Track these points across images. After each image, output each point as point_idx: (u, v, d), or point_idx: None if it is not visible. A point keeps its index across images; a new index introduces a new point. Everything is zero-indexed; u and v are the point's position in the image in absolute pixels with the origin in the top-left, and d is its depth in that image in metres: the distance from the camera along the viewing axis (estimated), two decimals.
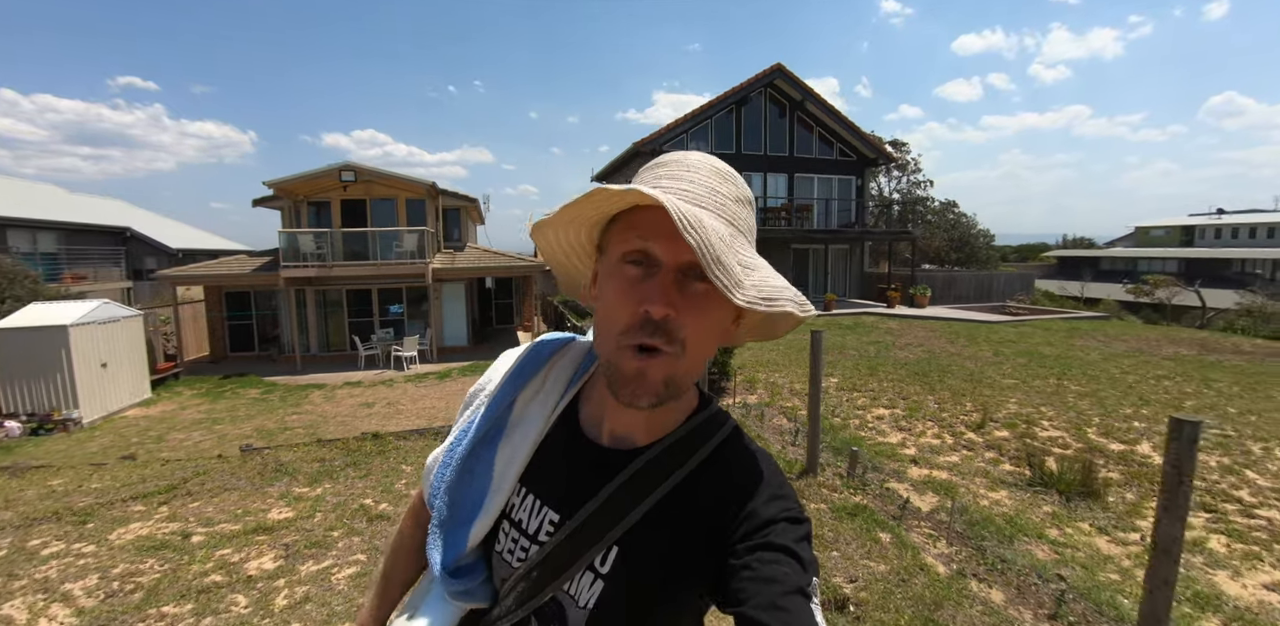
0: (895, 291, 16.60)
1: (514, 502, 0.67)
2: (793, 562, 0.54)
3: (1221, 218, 47.05)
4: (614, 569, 0.60)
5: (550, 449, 0.68)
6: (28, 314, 9.67)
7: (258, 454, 5.04)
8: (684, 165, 0.58)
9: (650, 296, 0.53)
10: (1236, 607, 2.66)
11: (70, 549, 3.23)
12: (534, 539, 0.64)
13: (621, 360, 0.55)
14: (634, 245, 0.54)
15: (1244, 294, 18.67)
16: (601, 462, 0.64)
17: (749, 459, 0.64)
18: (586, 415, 0.69)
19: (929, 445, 4.72)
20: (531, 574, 0.62)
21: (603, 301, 0.58)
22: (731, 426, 0.67)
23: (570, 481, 0.65)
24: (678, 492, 0.61)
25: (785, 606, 0.50)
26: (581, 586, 0.61)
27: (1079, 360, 8.35)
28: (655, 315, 0.53)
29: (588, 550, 0.61)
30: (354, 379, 12.62)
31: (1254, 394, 6.36)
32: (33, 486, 4.46)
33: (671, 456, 0.63)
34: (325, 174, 13.03)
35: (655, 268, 0.54)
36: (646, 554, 0.60)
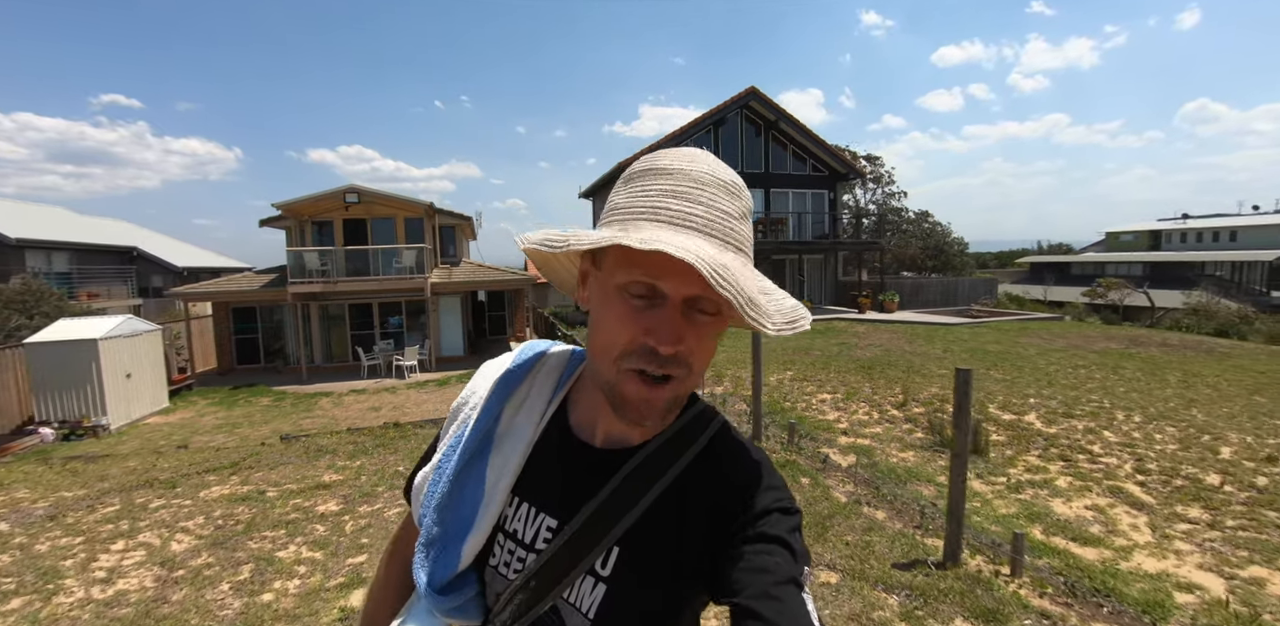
0: (866, 298, 17.68)
1: (507, 514, 0.67)
2: (785, 553, 0.55)
3: (1186, 222, 48.79)
4: (615, 570, 0.60)
5: (543, 455, 0.67)
6: (58, 329, 10.47)
7: (297, 441, 5.94)
8: (690, 179, 0.56)
9: (658, 333, 0.53)
10: (1055, 520, 3.63)
11: (171, 503, 4.13)
12: (531, 547, 0.64)
13: (624, 384, 0.55)
14: (637, 278, 0.53)
15: (1190, 294, 19.96)
16: (597, 463, 0.64)
17: (740, 451, 0.65)
18: (577, 418, 0.68)
19: (859, 420, 5.71)
20: (530, 583, 0.61)
21: (599, 321, 0.58)
22: (721, 421, 0.68)
23: (566, 485, 0.64)
24: (675, 487, 0.62)
25: (778, 596, 0.50)
26: (582, 592, 0.61)
27: (1015, 354, 9.41)
28: (664, 353, 0.53)
29: (588, 553, 0.60)
30: (359, 387, 13.43)
31: (1150, 377, 7.42)
32: (113, 467, 5.33)
33: (667, 452, 0.63)
34: (330, 196, 13.99)
35: (660, 300, 0.54)
36: (648, 551, 0.60)
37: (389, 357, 14.48)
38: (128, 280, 17.94)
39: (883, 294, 17.82)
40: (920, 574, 2.88)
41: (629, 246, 0.48)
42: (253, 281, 14.80)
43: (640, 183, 0.57)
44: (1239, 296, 30.07)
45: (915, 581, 2.80)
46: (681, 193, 0.55)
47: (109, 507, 4.09)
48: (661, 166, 0.57)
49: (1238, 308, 18.74)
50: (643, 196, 0.56)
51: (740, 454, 0.64)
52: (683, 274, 0.50)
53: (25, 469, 6.00)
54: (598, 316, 0.58)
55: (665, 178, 0.56)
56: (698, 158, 0.58)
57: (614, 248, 0.53)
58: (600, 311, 0.57)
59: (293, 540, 3.41)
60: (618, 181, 0.61)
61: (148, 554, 3.30)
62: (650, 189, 0.56)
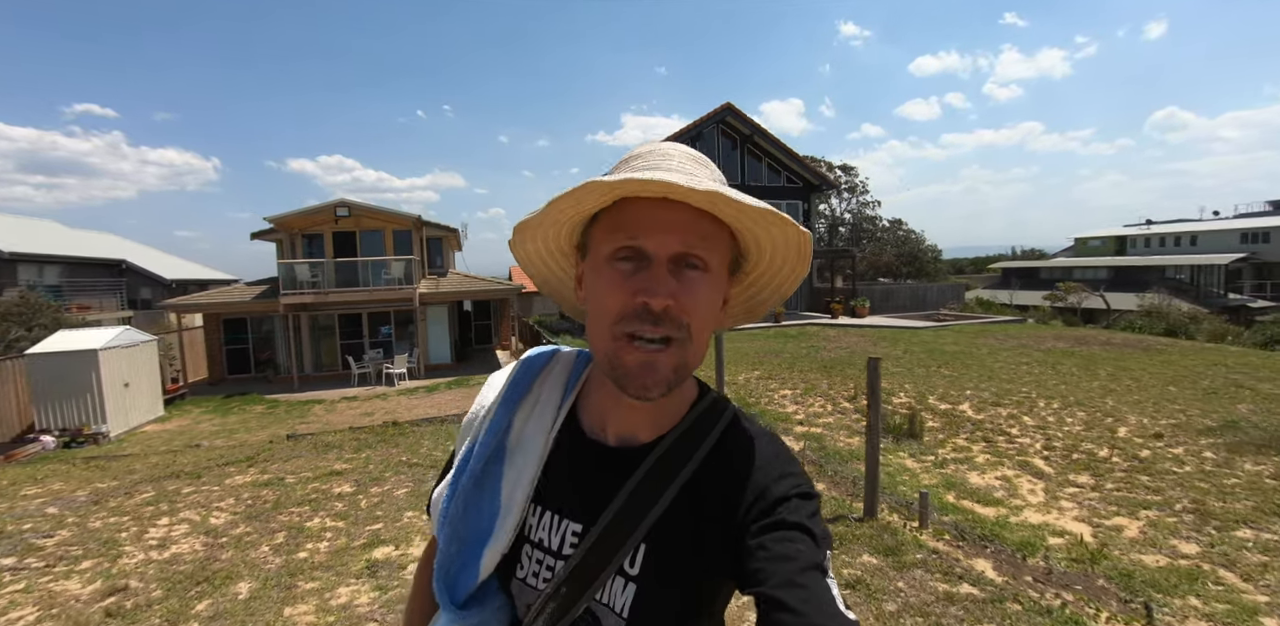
0: (838, 304, 18.48)
1: (531, 523, 0.66)
2: (806, 539, 0.55)
3: (1150, 227, 50.59)
4: (644, 567, 0.60)
5: (559, 461, 0.67)
6: (58, 340, 10.82)
7: (304, 439, 6.45)
8: (660, 154, 0.60)
9: (648, 288, 0.53)
10: (968, 488, 4.29)
11: (200, 489, 4.65)
12: (558, 555, 0.63)
13: (622, 353, 0.56)
14: (621, 242, 0.55)
15: (1143, 296, 21.05)
16: (614, 463, 0.64)
17: (755, 439, 0.65)
18: (588, 420, 0.68)
19: (814, 412, 6.37)
20: (560, 590, 0.61)
21: (593, 297, 0.58)
22: (734, 410, 0.68)
23: (587, 488, 0.64)
24: (695, 480, 0.62)
25: (803, 583, 0.51)
26: (614, 592, 0.60)
27: (968, 354, 10.17)
28: (656, 307, 0.54)
29: (616, 553, 0.60)
30: (350, 394, 13.85)
31: (1083, 372, 8.18)
32: (136, 463, 5.81)
33: (683, 446, 0.63)
34: (321, 210, 14.48)
35: (646, 261, 0.55)
36: (674, 546, 0.60)
37: (379, 366, 14.92)
38: (118, 292, 18.18)
39: (854, 299, 18.63)
40: (842, 525, 3.52)
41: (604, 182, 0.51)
42: (245, 293, 15.18)
43: (621, 168, 0.61)
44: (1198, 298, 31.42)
45: (836, 530, 3.43)
46: (653, 164, 0.58)
47: (144, 494, 4.59)
48: (638, 152, 0.62)
49: (1188, 309, 19.83)
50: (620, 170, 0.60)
51: (755, 442, 0.64)
52: (665, 230, 0.54)
53: (50, 467, 6.45)
54: (590, 295, 0.59)
55: (638, 159, 0.60)
56: (667, 143, 0.63)
57: (597, 225, 0.58)
58: (591, 289, 0.59)
59: (316, 514, 3.96)
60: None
61: (191, 527, 3.84)
62: (627, 168, 0.60)
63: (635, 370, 0.55)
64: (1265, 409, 5.99)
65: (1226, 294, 34.72)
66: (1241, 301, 32.84)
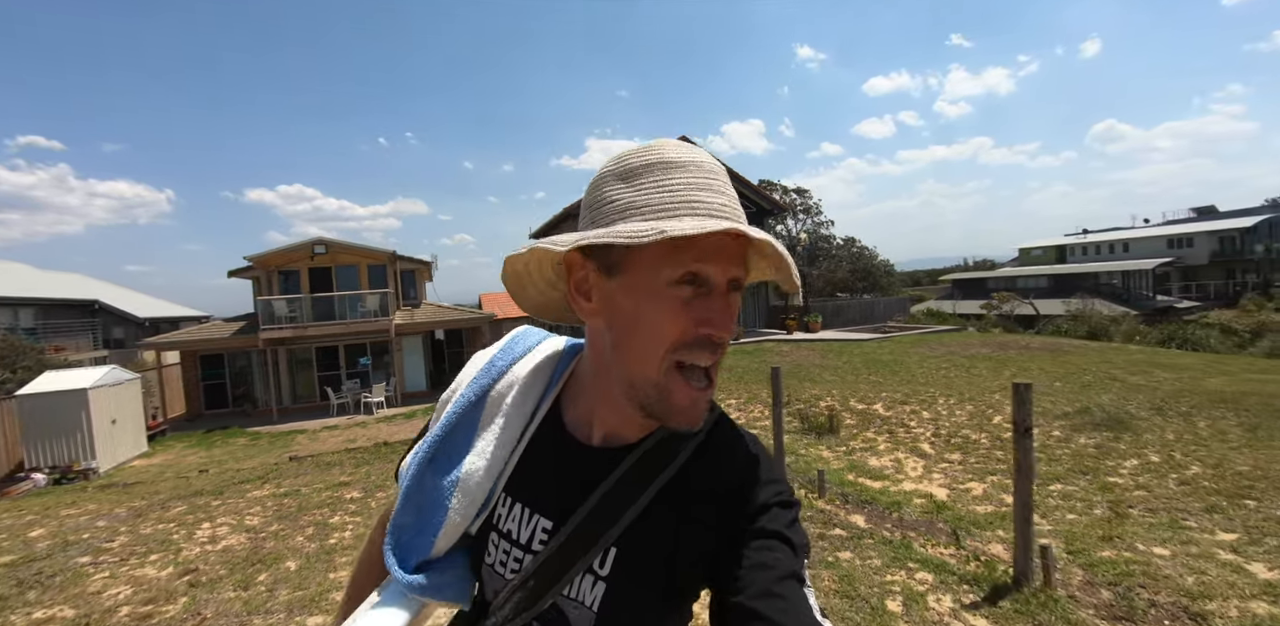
0: (793, 320, 19.77)
1: (501, 513, 0.66)
2: (785, 548, 0.55)
3: (1086, 236, 53.80)
4: (614, 569, 0.60)
5: (536, 454, 0.67)
6: (46, 381, 11.29)
7: (305, 460, 7.21)
8: (705, 170, 0.57)
9: (714, 320, 0.54)
10: (866, 469, 5.34)
11: (227, 502, 5.42)
12: (527, 548, 0.63)
13: (674, 388, 0.55)
14: (687, 267, 0.53)
15: (1069, 302, 22.93)
16: (594, 463, 0.63)
17: (739, 444, 0.64)
18: (572, 417, 0.68)
19: (753, 417, 7.41)
20: (528, 583, 0.61)
21: (639, 320, 0.56)
22: (718, 412, 0.67)
23: (562, 486, 0.64)
24: (673, 483, 0.61)
25: (780, 592, 0.51)
26: (583, 589, 0.61)
27: (898, 362, 11.39)
28: (719, 339, 0.54)
29: (585, 554, 0.60)
30: (330, 424, 14.42)
31: (991, 373, 9.43)
32: (158, 485, 6.49)
33: (666, 447, 0.63)
34: (299, 247, 15.21)
35: (706, 287, 0.54)
36: (647, 549, 0.60)
37: (357, 396, 15.52)
38: (93, 332, 18.41)
39: (808, 316, 19.95)
40: None
41: (675, 236, 0.48)
42: (223, 329, 15.70)
43: (654, 177, 0.56)
44: (1128, 302, 33.77)
45: None
46: (705, 185, 0.55)
47: (178, 508, 5.33)
48: (672, 159, 0.57)
49: (1110, 312, 21.70)
50: (667, 192, 0.55)
51: (737, 447, 0.64)
52: (729, 259, 0.54)
53: (69, 497, 7.06)
54: (634, 320, 0.56)
55: (682, 171, 0.56)
56: (696, 149, 0.58)
57: (651, 245, 0.52)
58: (638, 314, 0.56)
59: (335, 513, 4.80)
60: (605, 177, 0.59)
61: (231, 528, 4.63)
62: (672, 183, 0.55)
63: (685, 407, 0.56)
64: (1121, 396, 7.24)
65: (1155, 296, 37.19)
66: (1169, 303, 35.33)
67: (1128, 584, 2.96)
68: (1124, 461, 4.89)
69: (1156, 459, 4.90)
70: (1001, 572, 3.10)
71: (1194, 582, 2.95)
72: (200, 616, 3.12)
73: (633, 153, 0.59)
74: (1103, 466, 4.81)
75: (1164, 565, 3.16)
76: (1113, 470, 4.71)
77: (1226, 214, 51.29)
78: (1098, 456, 5.06)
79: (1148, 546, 3.40)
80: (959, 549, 3.50)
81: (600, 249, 0.57)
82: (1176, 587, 2.91)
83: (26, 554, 4.34)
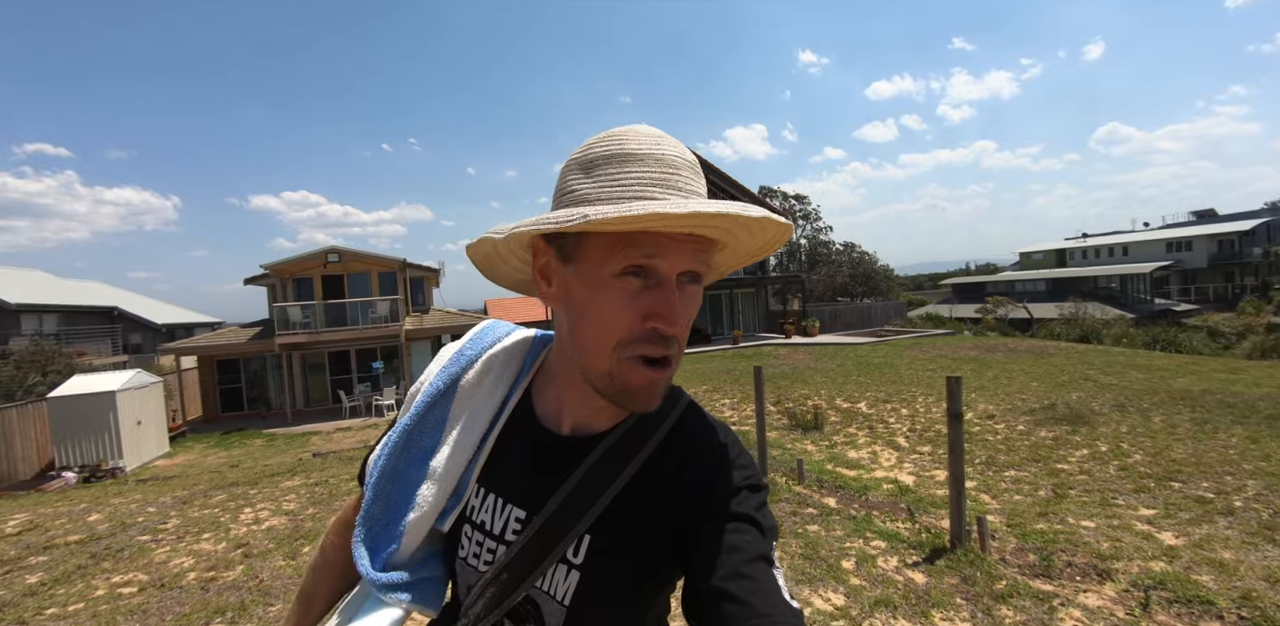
0: (791, 325, 20.28)
1: (474, 504, 0.67)
2: (753, 530, 0.56)
3: (1086, 241, 54.11)
4: (588, 557, 0.60)
5: (508, 445, 0.67)
6: (76, 384, 11.87)
7: (328, 456, 7.75)
8: (665, 165, 0.55)
9: (663, 314, 0.53)
10: (844, 460, 5.84)
11: (263, 491, 5.96)
12: (500, 539, 0.64)
13: (628, 374, 0.55)
14: (634, 260, 0.53)
15: (1062, 306, 23.37)
16: (565, 451, 0.64)
17: (708, 430, 0.65)
18: (543, 407, 0.68)
19: (746, 415, 7.92)
20: (501, 576, 0.62)
21: (590, 312, 0.56)
22: (687, 400, 0.68)
23: (534, 475, 0.65)
24: (645, 470, 0.62)
25: (749, 574, 0.51)
26: (556, 580, 0.61)
27: (889, 364, 11.89)
28: (668, 333, 0.54)
29: (559, 542, 0.60)
30: (344, 426, 14.96)
31: (974, 374, 9.92)
32: (194, 478, 7.03)
33: (636, 434, 0.64)
34: (313, 256, 15.82)
35: (655, 279, 0.54)
36: (619, 536, 0.61)
37: (368, 399, 16.09)
38: (113, 338, 19.07)
39: (806, 320, 20.45)
40: None
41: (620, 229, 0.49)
42: (240, 335, 16.30)
43: (610, 169, 0.55)
44: (1126, 305, 34.11)
45: None
46: (662, 180, 0.54)
47: (219, 496, 5.87)
48: (632, 152, 0.55)
49: (1102, 316, 22.14)
50: (621, 187, 0.53)
51: (706, 433, 0.65)
52: (680, 250, 0.52)
53: (113, 489, 7.61)
54: (584, 309, 0.56)
55: (640, 165, 0.54)
56: (662, 140, 0.57)
57: (600, 235, 0.53)
58: (588, 303, 0.56)
59: None
60: (571, 165, 0.58)
61: (271, 512, 5.17)
62: (626, 177, 0.54)
63: (642, 390, 0.56)
64: (1089, 395, 7.73)
65: (1153, 299, 37.43)
66: (1167, 306, 35.64)
67: (1051, 548, 3.47)
68: (1075, 451, 5.39)
69: (1105, 448, 5.39)
70: (944, 540, 3.61)
71: (1108, 547, 3.46)
72: (258, 578, 3.65)
73: (598, 141, 0.57)
74: (1054, 455, 5.31)
75: (1087, 534, 3.66)
76: (1063, 459, 5.21)
77: (1225, 217, 51.59)
78: (1052, 447, 5.57)
79: (1077, 520, 3.90)
80: (913, 523, 4.01)
81: (558, 236, 0.57)
82: (1092, 551, 3.41)
83: (91, 534, 4.88)
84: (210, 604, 3.33)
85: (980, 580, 3.09)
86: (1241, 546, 3.37)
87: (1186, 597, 2.84)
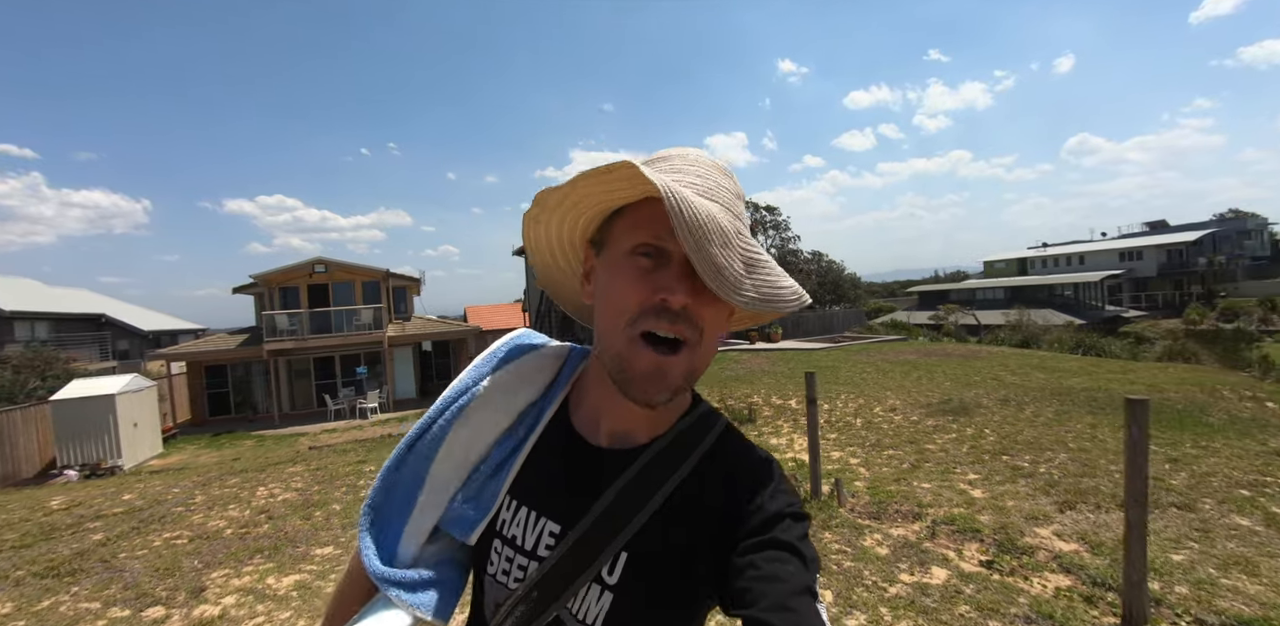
0: (755, 331, 21.53)
1: (504, 518, 0.65)
2: (797, 561, 0.54)
3: (1046, 250, 56.46)
4: (624, 577, 0.59)
5: (543, 457, 0.66)
6: (76, 387, 12.65)
7: (323, 448, 8.73)
8: (687, 159, 0.59)
9: (668, 286, 0.54)
10: (766, 445, 7.00)
11: (271, 477, 6.95)
12: (532, 555, 0.62)
13: (633, 356, 0.55)
14: (644, 239, 0.55)
15: (1007, 313, 25.00)
16: (602, 465, 0.63)
17: (748, 454, 0.65)
18: (579, 418, 0.68)
19: None
20: (532, 594, 0.60)
21: (607, 293, 0.58)
22: (725, 422, 0.68)
23: (570, 488, 0.63)
24: (684, 488, 0.61)
25: (793, 607, 0.50)
26: (588, 602, 0.59)
27: (834, 368, 13.14)
28: (674, 304, 0.54)
29: (595, 559, 0.59)
30: (329, 427, 15.82)
31: (902, 375, 11.18)
32: (204, 468, 7.97)
33: (675, 451, 0.63)
34: (300, 267, 16.72)
35: (665, 259, 0.55)
36: (657, 557, 0.59)
37: (352, 402, 16.96)
38: (101, 344, 19.68)
39: (770, 327, 21.73)
40: None
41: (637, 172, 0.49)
42: (229, 342, 17.09)
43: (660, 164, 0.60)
44: (1079, 312, 35.99)
45: None
46: (679, 169, 0.58)
47: (233, 480, 6.84)
48: (659, 156, 0.61)
49: (1043, 322, 23.78)
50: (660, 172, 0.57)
51: (747, 455, 0.64)
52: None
53: (130, 479, 8.51)
54: (605, 292, 0.59)
55: (664, 161, 0.60)
56: (692, 150, 0.62)
57: (622, 218, 0.58)
58: (607, 285, 0.58)
59: (359, 479, 6.36)
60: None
61: (282, 489, 6.17)
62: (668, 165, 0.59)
63: (646, 374, 0.55)
64: (987, 391, 9.01)
65: (1104, 306, 39.42)
66: (1117, 312, 37.63)
67: (889, 502, 4.65)
68: (946, 435, 6.62)
69: (970, 433, 6.63)
70: (805, 495, 4.77)
71: (930, 500, 4.65)
72: (283, 531, 4.69)
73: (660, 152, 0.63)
74: (928, 439, 6.53)
75: (921, 493, 4.85)
76: (932, 441, 6.44)
77: (1176, 228, 54.36)
78: (930, 432, 6.79)
79: (920, 483, 5.10)
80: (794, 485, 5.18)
81: (598, 232, 0.62)
82: (918, 502, 4.60)
83: (131, 508, 5.84)
84: (249, 547, 4.37)
85: (821, 518, 4.25)
86: (1024, 498, 4.58)
87: (964, 529, 4.03)
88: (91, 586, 3.81)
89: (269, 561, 4.10)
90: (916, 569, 3.45)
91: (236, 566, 4.03)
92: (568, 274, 0.70)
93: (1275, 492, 4.60)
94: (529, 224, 0.63)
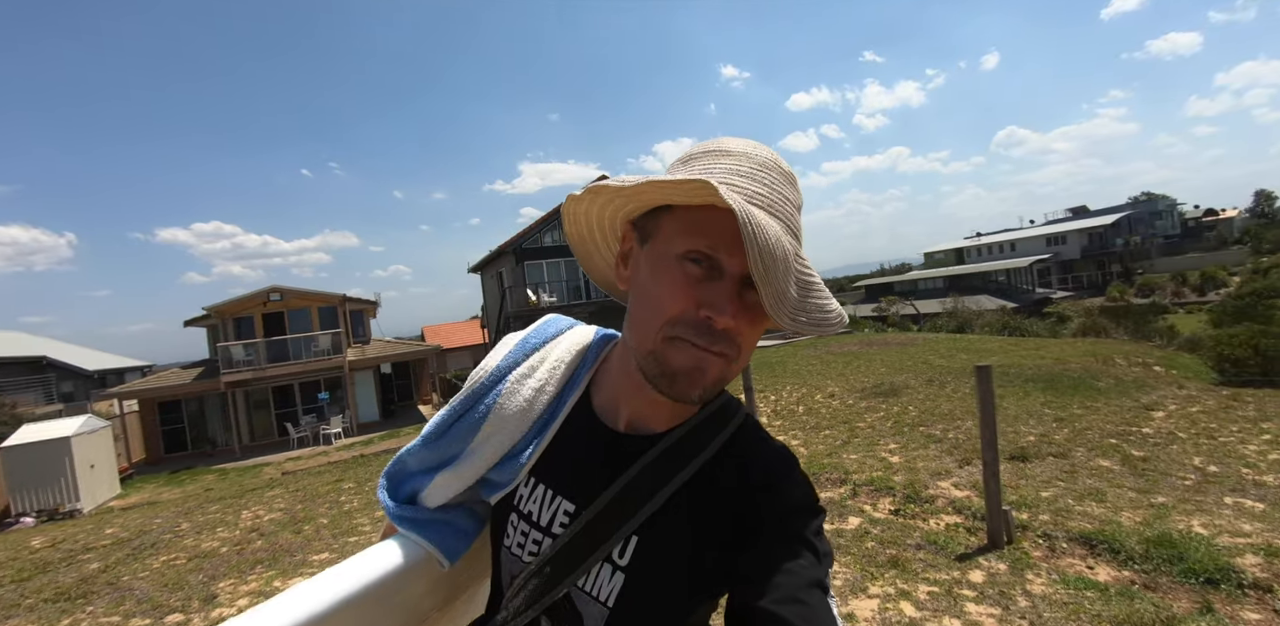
0: None
1: (522, 493, 0.67)
2: (809, 554, 0.54)
3: (980, 239, 59.44)
4: (634, 559, 0.59)
5: (564, 438, 0.67)
6: (28, 432, 12.37)
7: (298, 473, 8.98)
8: (755, 161, 0.57)
9: (717, 304, 0.53)
10: None
11: (253, 501, 7.22)
12: (547, 531, 0.63)
13: (670, 352, 0.55)
14: (698, 246, 0.54)
15: (944, 302, 26.60)
16: (620, 449, 0.64)
17: (766, 446, 0.64)
18: (600, 402, 0.68)
19: None
20: (545, 569, 0.61)
21: (649, 292, 0.57)
22: (745, 413, 0.68)
23: (587, 469, 0.64)
24: (700, 478, 0.61)
25: (804, 600, 0.50)
26: (600, 580, 0.60)
27: (782, 362, 13.98)
28: (719, 325, 0.53)
29: (606, 540, 0.60)
30: (294, 456, 15.75)
31: (844, 365, 12.07)
32: (178, 501, 8.11)
33: (693, 441, 0.63)
34: (254, 296, 16.65)
35: (718, 273, 0.54)
36: (669, 542, 0.59)
37: (315, 429, 16.92)
38: (46, 387, 18.97)
39: None
40: None
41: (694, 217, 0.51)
42: (183, 376, 16.83)
43: (703, 162, 0.58)
44: (1011, 295, 38.17)
45: None
46: (747, 173, 0.56)
47: (214, 507, 7.08)
48: (726, 148, 0.58)
49: (976, 308, 25.42)
50: (708, 174, 0.56)
51: (765, 447, 0.64)
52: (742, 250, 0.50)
53: (106, 517, 8.56)
54: (645, 287, 0.58)
55: (729, 157, 0.57)
56: (762, 147, 0.59)
57: (674, 216, 0.56)
58: (650, 281, 0.57)
59: (339, 497, 6.72)
60: (674, 162, 0.62)
61: (266, 511, 6.48)
62: (714, 167, 0.56)
63: (683, 371, 0.55)
64: (915, 374, 9.93)
65: (1034, 290, 41.79)
66: (1045, 294, 40.00)
67: (821, 472, 5.35)
68: (875, 414, 7.43)
69: (896, 410, 7.45)
70: None
71: (855, 467, 5.37)
72: (277, 545, 5.07)
73: (701, 144, 0.61)
74: (859, 418, 7.32)
75: (849, 463, 5.57)
76: (862, 419, 7.23)
77: (1096, 212, 58.15)
78: (862, 412, 7.60)
79: (848, 455, 5.83)
80: None
81: (642, 218, 0.60)
82: (845, 469, 5.31)
83: (121, 538, 6.07)
84: (248, 560, 4.75)
85: None
86: (932, 460, 5.36)
87: (880, 488, 4.76)
88: (105, 605, 4.14)
89: (271, 569, 4.49)
90: (836, 520, 4.14)
91: (241, 576, 4.42)
92: (602, 249, 0.70)
93: (1136, 439, 5.52)
94: (571, 202, 0.64)
